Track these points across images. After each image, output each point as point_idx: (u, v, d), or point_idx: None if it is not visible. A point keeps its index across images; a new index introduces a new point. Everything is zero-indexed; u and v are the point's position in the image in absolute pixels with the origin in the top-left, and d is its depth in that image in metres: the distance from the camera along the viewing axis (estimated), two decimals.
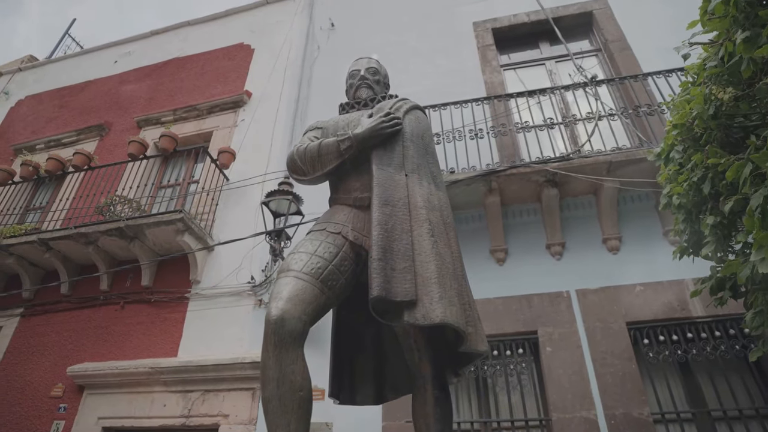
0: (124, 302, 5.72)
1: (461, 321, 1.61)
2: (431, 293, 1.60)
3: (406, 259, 1.68)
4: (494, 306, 4.49)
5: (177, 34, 8.94)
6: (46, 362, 5.61)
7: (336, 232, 1.87)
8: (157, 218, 5.40)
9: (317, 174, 2.06)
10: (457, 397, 4.30)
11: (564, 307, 4.35)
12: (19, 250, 5.92)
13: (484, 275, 4.67)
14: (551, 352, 4.18)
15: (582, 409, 3.91)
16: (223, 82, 7.72)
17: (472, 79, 6.19)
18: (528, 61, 6.47)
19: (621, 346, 4.09)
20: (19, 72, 9.95)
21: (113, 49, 9.28)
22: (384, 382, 2.09)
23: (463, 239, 4.88)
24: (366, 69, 2.41)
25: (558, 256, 4.60)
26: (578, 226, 4.71)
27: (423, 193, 1.88)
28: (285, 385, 1.47)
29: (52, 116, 8.52)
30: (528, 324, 4.34)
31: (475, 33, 6.72)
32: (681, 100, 2.52)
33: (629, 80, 4.87)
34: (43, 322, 5.97)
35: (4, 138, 8.64)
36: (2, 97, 9.49)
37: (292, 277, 1.65)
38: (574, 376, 4.03)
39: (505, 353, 4.31)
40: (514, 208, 4.93)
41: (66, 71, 9.35)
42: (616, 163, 4.32)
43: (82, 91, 8.75)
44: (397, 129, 2.02)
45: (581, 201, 4.78)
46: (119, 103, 8.18)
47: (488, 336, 4.26)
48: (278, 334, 1.51)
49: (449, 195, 4.67)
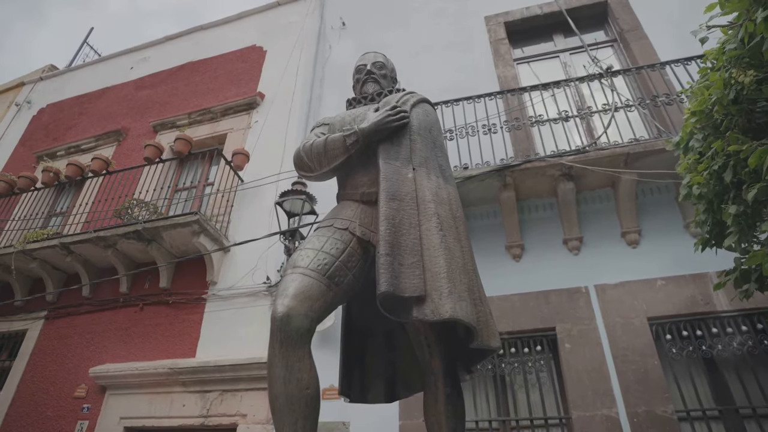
0: (143, 304, 5.81)
1: (472, 316, 1.57)
2: (440, 288, 1.57)
3: (414, 254, 1.64)
4: (511, 303, 4.42)
5: (190, 39, 9.05)
6: (70, 364, 5.72)
7: (343, 227, 1.84)
8: (173, 220, 5.46)
9: (324, 170, 2.04)
10: (474, 395, 4.25)
11: (582, 302, 4.26)
12: (42, 255, 6.06)
13: (500, 272, 4.61)
14: (570, 349, 4.10)
15: (603, 407, 3.82)
16: (236, 84, 7.79)
17: (485, 74, 6.11)
18: (542, 54, 6.37)
19: (642, 342, 3.99)
20: (40, 81, 10.19)
21: (129, 56, 9.44)
22: (396, 380, 2.06)
23: (478, 235, 4.87)
24: (372, 63, 2.38)
25: (575, 251, 4.51)
26: (596, 220, 4.61)
27: (431, 187, 1.85)
28: (292, 383, 1.45)
29: (71, 123, 8.71)
30: (546, 321, 4.26)
31: (488, 27, 6.65)
32: (700, 87, 2.43)
33: (646, 70, 4.75)
34: (66, 324, 6.09)
35: (27, 146, 8.86)
36: (25, 106, 9.74)
37: (298, 273, 1.63)
38: (594, 374, 3.95)
39: (523, 350, 4.24)
40: (529, 203, 4.85)
41: (84, 79, 9.54)
42: (633, 154, 4.21)
43: (100, 98, 8.92)
44: (404, 123, 1.98)
45: (598, 194, 4.68)
46: (136, 108, 8.31)
47: (505, 333, 4.26)
48: (284, 332, 1.49)
49: (463, 191, 4.69)
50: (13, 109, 9.72)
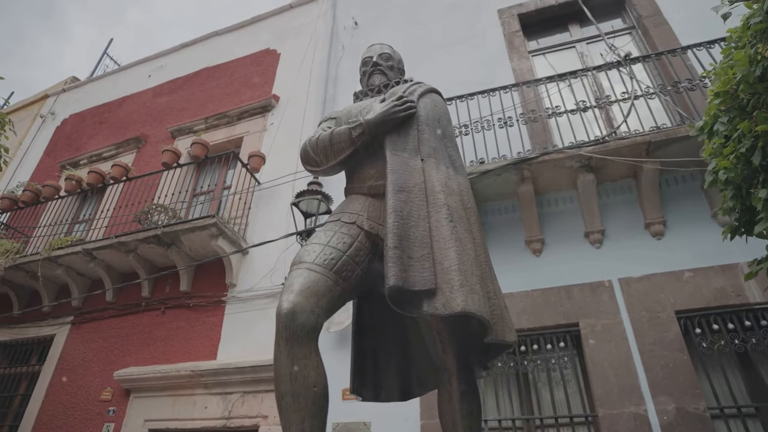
0: (164, 307, 5.88)
1: (484, 309, 1.51)
2: (451, 281, 1.51)
3: (423, 247, 1.59)
4: (532, 298, 4.33)
5: (206, 45, 9.16)
6: (95, 367, 5.83)
7: (350, 221, 1.80)
8: (191, 224, 5.51)
9: (330, 164, 2.00)
10: (497, 394, 4.16)
11: (606, 297, 4.14)
12: (67, 261, 6.19)
13: (520, 267, 4.52)
14: (594, 344, 3.98)
15: (631, 404, 3.69)
16: (251, 87, 7.84)
17: (501, 68, 6.01)
18: (557, 45, 6.23)
19: (670, 337, 3.85)
20: (63, 93, 10.46)
21: (147, 64, 9.61)
22: (410, 377, 2.01)
23: (497, 231, 4.78)
24: (379, 55, 2.34)
25: (598, 244, 4.39)
26: (618, 211, 4.47)
27: (440, 178, 1.80)
28: (298, 381, 1.41)
29: (93, 132, 8.90)
30: (569, 316, 4.15)
31: (501, 20, 6.54)
32: (723, 66, 2.32)
33: (666, 55, 4.59)
34: (91, 329, 6.21)
35: (51, 156, 9.09)
36: (49, 117, 10.00)
37: (304, 269, 1.60)
38: (620, 370, 3.82)
39: (546, 347, 4.14)
40: (548, 197, 4.74)
41: (104, 89, 9.75)
42: (655, 143, 4.07)
43: (119, 107, 9.09)
44: (411, 113, 1.93)
45: (620, 185, 4.54)
46: (154, 115, 8.45)
47: (527, 330, 4.17)
48: (289, 328, 1.45)
49: (480, 186, 4.61)
50: (38, 121, 9.99)
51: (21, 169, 9.18)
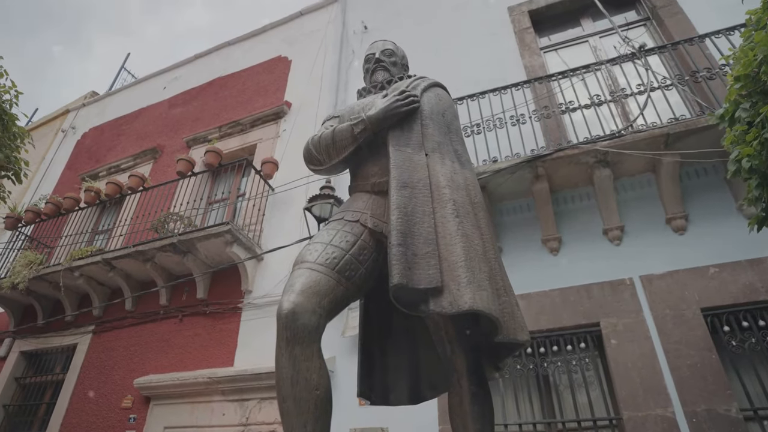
0: (182, 315, 5.92)
1: (493, 307, 1.45)
2: (458, 278, 1.45)
3: (428, 243, 1.54)
4: (551, 298, 4.22)
5: (219, 55, 9.28)
6: (116, 375, 5.89)
7: (354, 220, 1.76)
8: (206, 231, 5.54)
9: (333, 162, 1.96)
10: (517, 397, 4.06)
11: (628, 295, 4.01)
12: (87, 271, 6.29)
13: (537, 267, 4.42)
14: (617, 344, 3.85)
15: (657, 406, 3.56)
16: (263, 95, 7.90)
17: (512, 65, 5.92)
18: (570, 41, 6.12)
19: (697, 335, 3.70)
20: (83, 107, 10.71)
21: (162, 76, 9.77)
22: (420, 379, 1.94)
23: (513, 230, 4.69)
24: (381, 51, 2.30)
25: (617, 241, 4.26)
26: (637, 207, 4.34)
27: (445, 173, 1.74)
28: (300, 384, 1.37)
29: (111, 144, 9.07)
30: (589, 316, 4.03)
31: (511, 18, 6.46)
32: (743, 49, 2.21)
33: (683, 45, 4.45)
34: (112, 337, 6.29)
35: (72, 169, 9.30)
36: (70, 132, 10.24)
37: (305, 268, 1.56)
38: (644, 370, 3.69)
39: (566, 348, 4.02)
40: (564, 194, 4.63)
41: (122, 102, 9.94)
42: (674, 135, 3.94)
43: (136, 119, 9.26)
44: (414, 107, 1.89)
45: (639, 180, 4.41)
46: (170, 126, 8.57)
47: (546, 331, 4.06)
48: (290, 329, 1.41)
49: (493, 185, 4.53)
50: (59, 136, 10.24)
51: (44, 182, 9.41)
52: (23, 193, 9.18)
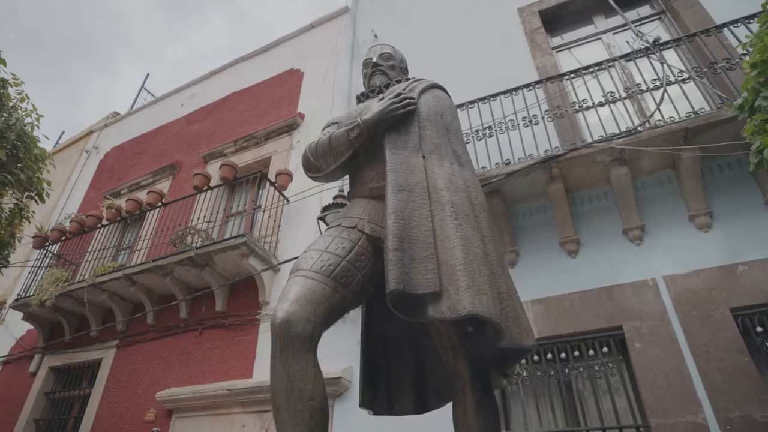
0: (201, 328, 5.97)
1: (494, 311, 1.39)
2: (457, 282, 1.40)
3: (426, 248, 1.49)
4: (570, 302, 4.10)
5: (233, 71, 9.43)
6: (140, 389, 5.96)
7: (351, 226, 1.73)
8: (222, 244, 5.59)
9: (331, 168, 1.94)
10: (538, 404, 3.94)
11: (651, 296, 3.86)
12: (110, 287, 6.40)
13: (555, 269, 4.31)
14: (641, 348, 3.71)
15: (687, 412, 3.40)
16: (277, 108, 7.98)
17: (524, 67, 5.84)
18: (582, 39, 6.01)
19: (727, 337, 3.53)
20: (105, 128, 11.01)
21: (179, 94, 9.98)
22: (426, 388, 1.88)
23: (529, 233, 4.59)
24: (379, 55, 2.27)
25: (638, 241, 4.12)
26: (658, 205, 4.20)
27: (444, 174, 1.69)
28: (294, 394, 1.33)
29: (132, 163, 9.29)
30: (611, 319, 3.89)
31: (521, 19, 6.39)
32: (760, 34, 2.11)
33: (699, 36, 4.31)
34: (134, 351, 6.38)
35: (96, 188, 9.54)
36: (93, 152, 10.53)
37: (300, 276, 1.53)
38: (672, 375, 3.53)
39: (588, 353, 3.89)
40: (581, 194, 4.52)
41: (142, 121, 10.19)
42: (693, 129, 3.80)
43: (155, 137, 9.46)
44: (411, 109, 1.85)
45: (658, 177, 4.27)
46: (187, 142, 8.73)
47: (566, 335, 3.94)
48: (284, 339, 1.38)
49: (508, 188, 4.45)
50: (84, 156, 10.54)
51: (70, 201, 9.67)
52: (50, 213, 9.46)
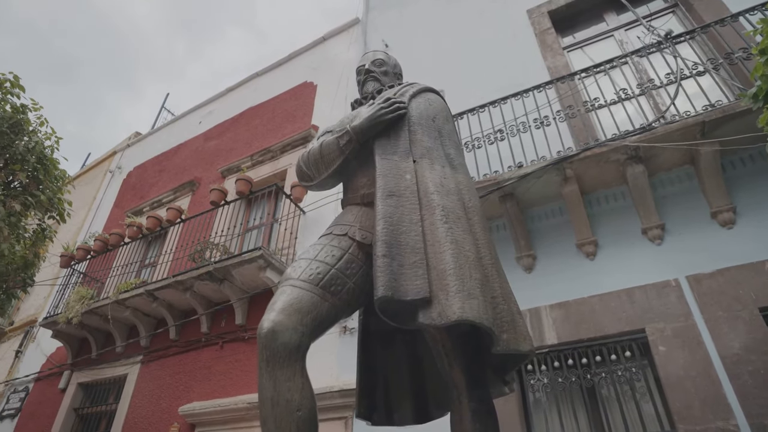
0: (222, 342, 6.02)
1: (485, 316, 1.35)
2: (447, 287, 1.37)
3: (416, 253, 1.47)
4: (590, 306, 3.98)
5: (248, 87, 9.60)
6: (163, 404, 6.04)
7: (342, 233, 1.71)
8: (239, 258, 5.64)
9: (323, 176, 1.93)
10: (560, 412, 3.83)
11: (674, 298, 3.72)
12: (133, 303, 6.53)
13: (573, 273, 4.21)
14: (666, 352, 3.57)
15: (717, 418, 3.25)
16: (291, 121, 8.07)
17: (535, 68, 5.77)
18: (593, 37, 5.91)
19: (757, 339, 3.37)
20: (127, 148, 11.33)
21: (197, 112, 10.21)
22: (427, 397, 1.84)
23: (545, 236, 4.50)
24: (371, 62, 2.26)
25: (658, 241, 3.99)
26: (678, 203, 4.06)
27: (434, 178, 1.67)
28: (280, 405, 1.32)
29: (153, 181, 9.51)
30: (632, 322, 3.77)
31: (531, 20, 6.33)
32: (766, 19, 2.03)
33: (714, 27, 4.18)
34: (158, 366, 6.47)
35: (120, 207, 9.80)
36: (117, 172, 10.83)
37: (287, 286, 1.52)
38: (699, 379, 3.39)
39: (610, 358, 3.77)
40: (597, 195, 4.41)
41: (162, 139, 10.44)
42: (711, 122, 3.67)
43: (175, 154, 9.68)
44: (401, 114, 1.83)
45: (677, 174, 4.14)
46: (206, 158, 8.90)
47: (587, 340, 3.83)
48: (270, 349, 1.37)
49: (521, 191, 4.38)
50: (108, 176, 10.85)
51: (95, 221, 9.95)
52: (77, 232, 9.75)
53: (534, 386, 3.97)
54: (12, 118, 4.12)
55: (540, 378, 3.95)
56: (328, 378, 4.88)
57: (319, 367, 4.99)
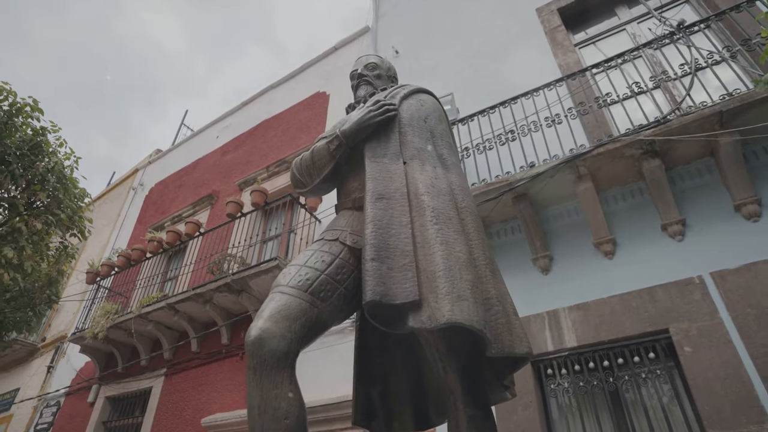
0: (242, 353, 6.05)
1: (476, 318, 1.30)
2: (437, 289, 1.34)
3: (405, 256, 1.43)
4: (610, 306, 3.86)
5: (263, 99, 9.74)
6: (187, 415, 6.10)
7: (333, 239, 1.69)
8: (256, 269, 5.69)
9: (315, 182, 1.92)
10: (582, 418, 3.70)
11: (699, 295, 3.57)
12: (155, 317, 6.65)
13: (592, 273, 4.09)
14: (692, 352, 3.42)
15: (750, 422, 3.08)
16: (305, 131, 8.14)
17: (547, 66, 5.68)
18: (606, 32, 5.79)
19: None
20: (149, 165, 11.61)
21: (215, 127, 10.39)
22: (427, 404, 1.79)
23: (561, 237, 4.39)
24: (364, 66, 2.25)
25: (679, 237, 3.84)
26: (698, 197, 3.92)
27: (425, 179, 1.64)
28: (267, 414, 1.29)
29: (174, 196, 9.70)
30: (655, 322, 3.63)
31: (540, 18, 6.25)
32: None
33: (729, 14, 4.04)
34: (181, 379, 6.56)
35: (142, 222, 10.02)
36: (139, 188, 11.10)
37: (277, 292, 1.50)
38: (729, 380, 3.23)
39: (633, 360, 3.63)
40: (613, 192, 4.29)
41: (182, 155, 10.67)
42: (729, 111, 3.53)
43: (194, 169, 9.87)
44: (390, 116, 1.81)
45: (696, 167, 3.99)
46: (223, 172, 9.04)
47: (608, 342, 3.72)
48: (257, 356, 1.35)
49: (534, 192, 4.29)
50: (131, 194, 11.13)
51: (120, 237, 10.20)
52: (103, 249, 10.00)
53: (554, 391, 3.85)
54: (32, 140, 4.28)
55: (561, 382, 3.84)
56: (347, 387, 4.82)
57: (337, 377, 4.96)
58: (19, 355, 9.84)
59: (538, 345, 3.99)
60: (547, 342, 3.98)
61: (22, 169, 4.13)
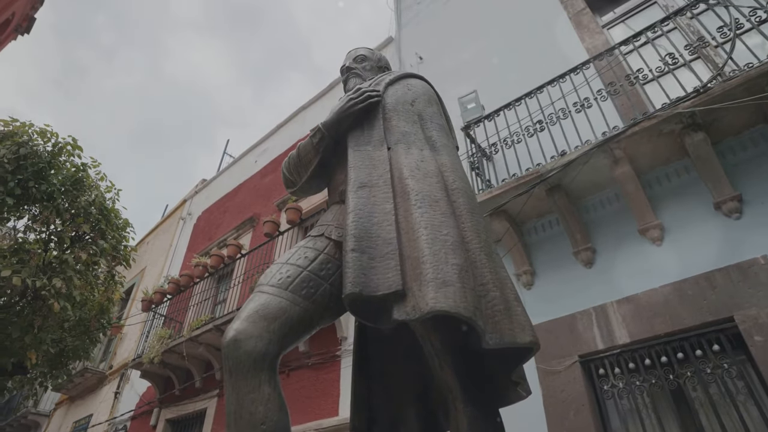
0: (288, 370, 6.06)
1: (463, 304, 1.17)
2: (421, 276, 1.22)
3: (388, 244, 1.33)
4: (662, 296, 3.54)
5: (296, 120, 9.94)
6: None
7: (318, 234, 1.60)
8: None
9: (304, 179, 1.85)
10: (642, 419, 3.37)
11: (765, 278, 3.20)
12: (205, 339, 6.81)
13: (639, 262, 3.80)
14: (764, 342, 3.05)
15: None
16: None
17: (573, 52, 5.42)
18: (635, 8, 5.48)
19: None
20: (196, 194, 12.09)
21: (253, 152, 10.70)
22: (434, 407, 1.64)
23: (601, 226, 4.12)
24: (353, 59, 2.18)
25: (736, 215, 3.48)
26: (753, 170, 3.54)
27: (410, 163, 1.53)
28: (243, 419, 1.21)
29: (218, 222, 10.03)
30: (716, 310, 3.28)
31: (563, 4, 6.01)
32: None
33: None
34: None
35: (192, 250, 10.41)
36: (188, 218, 11.57)
37: (257, 292, 1.43)
38: None
39: (695, 354, 3.29)
40: (656, 173, 3.97)
41: (225, 182, 11.04)
42: None
43: (236, 195, 10.17)
44: (373, 102, 1.73)
45: (749, 137, 3.62)
46: (263, 194, 9.26)
47: (664, 335, 3.42)
48: (232, 359, 1.27)
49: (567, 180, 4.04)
50: (180, 223, 11.62)
51: (173, 266, 10.63)
52: (158, 278, 10.45)
53: (609, 392, 3.55)
54: (74, 176, 4.55)
55: (615, 383, 3.54)
56: None
57: None
58: (91, 383, 10.42)
59: (587, 343, 3.72)
60: (596, 340, 3.69)
61: (66, 203, 4.39)
